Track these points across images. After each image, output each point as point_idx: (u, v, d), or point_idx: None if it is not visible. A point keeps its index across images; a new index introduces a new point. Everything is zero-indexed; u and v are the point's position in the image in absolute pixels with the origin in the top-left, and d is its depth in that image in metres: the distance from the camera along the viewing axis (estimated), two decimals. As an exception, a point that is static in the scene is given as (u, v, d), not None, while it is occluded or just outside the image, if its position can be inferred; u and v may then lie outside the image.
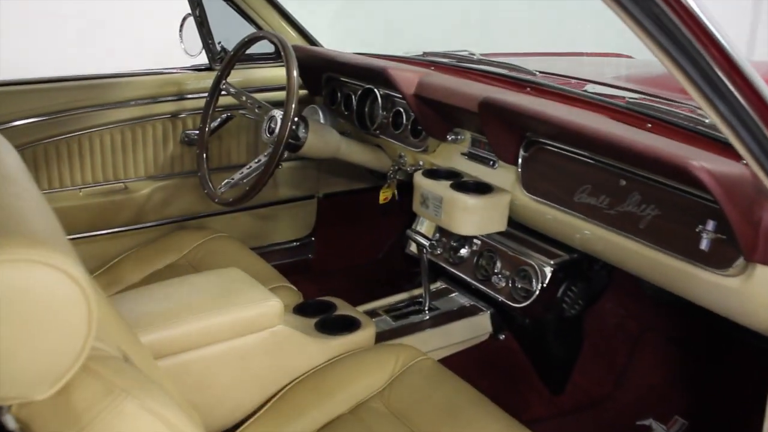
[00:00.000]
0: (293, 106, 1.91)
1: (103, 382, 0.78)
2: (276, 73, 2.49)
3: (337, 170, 2.69)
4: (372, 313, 2.09)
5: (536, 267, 1.85)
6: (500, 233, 1.91)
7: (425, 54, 2.32)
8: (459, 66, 2.12)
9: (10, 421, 0.81)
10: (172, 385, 1.39)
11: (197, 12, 2.39)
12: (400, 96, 2.00)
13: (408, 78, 1.95)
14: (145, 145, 2.38)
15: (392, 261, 2.71)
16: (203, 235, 2.34)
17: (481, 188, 1.80)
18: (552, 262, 1.84)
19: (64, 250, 0.70)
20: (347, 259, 2.79)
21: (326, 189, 2.74)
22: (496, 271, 1.93)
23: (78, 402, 0.76)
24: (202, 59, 2.50)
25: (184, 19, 2.41)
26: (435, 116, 1.96)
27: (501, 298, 1.92)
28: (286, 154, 2.09)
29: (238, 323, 1.59)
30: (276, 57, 2.53)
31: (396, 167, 2.22)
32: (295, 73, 1.92)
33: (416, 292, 2.19)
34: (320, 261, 2.79)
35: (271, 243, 2.69)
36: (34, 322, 0.68)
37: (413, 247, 2.11)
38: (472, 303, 2.17)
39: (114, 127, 2.31)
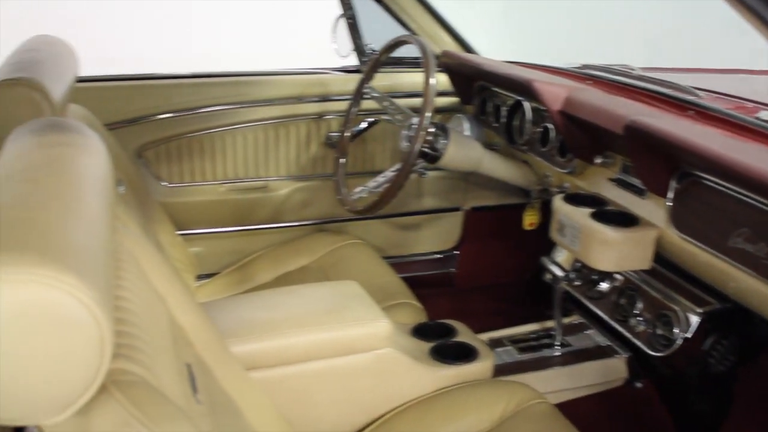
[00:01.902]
0: (427, 115, 1.81)
1: (123, 412, 0.73)
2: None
3: (487, 183, 2.55)
4: (497, 342, 1.95)
5: (681, 313, 1.63)
6: (645, 270, 1.71)
7: (583, 66, 2.14)
8: (615, 81, 1.93)
9: (34, 439, 0.78)
10: (264, 398, 1.34)
11: (349, 14, 2.34)
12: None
13: (555, 92, 1.79)
14: (288, 144, 2.37)
15: (538, 285, 2.56)
16: (339, 240, 2.30)
17: (626, 220, 1.61)
18: (700, 310, 1.62)
19: (81, 271, 0.64)
20: (491, 276, 2.65)
21: (474, 202, 2.62)
22: (635, 312, 1.73)
23: (97, 428, 0.72)
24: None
25: (337, 20, 2.37)
26: (582, 136, 1.78)
27: (638, 343, 1.72)
28: (421, 165, 2.01)
29: (343, 342, 1.53)
30: (427, 62, 2.45)
31: (540, 187, 2.06)
32: (432, 80, 1.82)
33: (549, 324, 2.02)
34: (463, 276, 2.67)
35: (412, 253, 2.61)
36: (41, 345, 0.63)
37: (549, 276, 1.95)
38: (608, 344, 1.98)
39: (258, 125, 2.31)
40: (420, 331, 1.77)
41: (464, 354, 1.68)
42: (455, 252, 2.65)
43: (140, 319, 0.93)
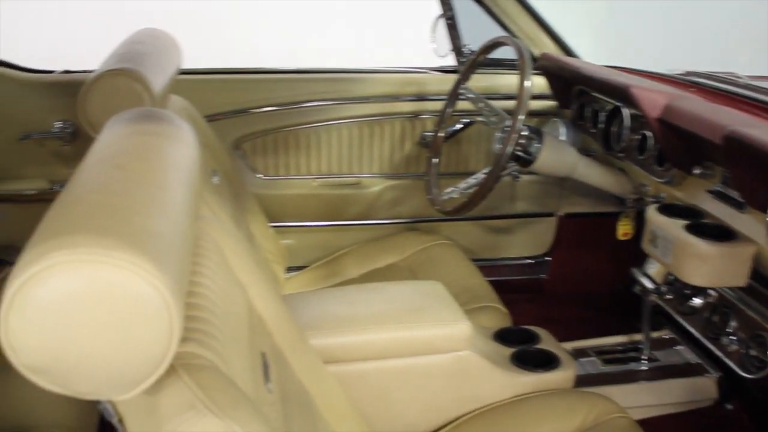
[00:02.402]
0: (520, 117, 1.79)
1: (190, 394, 0.75)
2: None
3: (583, 189, 2.50)
4: (581, 352, 1.91)
5: (776, 335, 1.56)
6: (741, 287, 1.64)
7: (687, 73, 2.06)
8: (720, 89, 1.85)
9: (108, 411, 0.81)
10: (340, 391, 1.35)
11: (448, 14, 2.34)
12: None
13: (654, 99, 1.73)
14: (382, 142, 2.38)
15: (628, 296, 2.49)
16: (428, 240, 2.31)
17: (722, 234, 1.55)
18: (797, 332, 1.54)
19: (155, 257, 0.67)
20: (581, 285, 2.60)
21: (568, 208, 2.57)
22: (728, 330, 1.66)
23: (164, 408, 0.74)
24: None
25: (436, 19, 2.37)
26: (681, 145, 1.72)
27: (730, 363, 1.65)
28: (514, 168, 1.99)
29: (422, 341, 1.53)
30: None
31: (636, 196, 2.01)
32: (527, 83, 1.79)
33: (637, 337, 1.96)
34: (553, 283, 2.63)
35: (502, 257, 2.59)
36: (114, 324, 0.65)
37: (639, 288, 1.89)
38: (698, 362, 1.90)
39: (353, 122, 2.34)
40: (502, 336, 1.75)
41: (545, 362, 1.65)
42: (546, 258, 2.61)
43: (216, 306, 0.96)
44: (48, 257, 0.63)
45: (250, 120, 2.30)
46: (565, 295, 2.58)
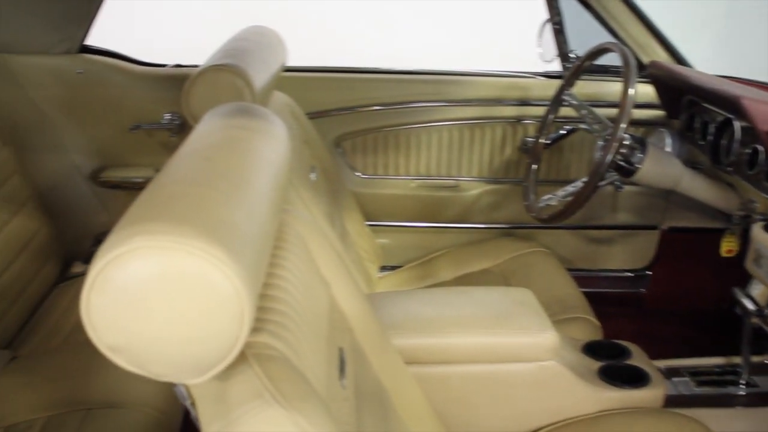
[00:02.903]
0: (622, 126, 1.74)
1: (258, 384, 0.76)
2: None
3: (687, 203, 2.41)
4: (674, 371, 1.83)
5: None
6: None
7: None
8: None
9: (182, 394, 0.84)
10: (420, 392, 1.36)
11: (556, 19, 2.30)
12: None
13: (766, 112, 1.66)
14: (482, 145, 2.37)
15: (730, 317, 2.39)
16: (524, 247, 2.28)
17: (832, 257, 1.47)
18: None
19: (230, 247, 0.69)
20: (681, 302, 2.51)
21: (673, 222, 2.48)
22: (834, 359, 1.57)
23: (233, 395, 0.76)
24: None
25: (543, 24, 2.34)
26: (793, 161, 1.64)
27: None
28: (615, 178, 1.94)
29: (506, 348, 1.51)
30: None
31: (743, 212, 1.92)
32: (630, 90, 1.74)
33: (736, 359, 1.87)
34: (653, 298, 2.55)
35: (600, 269, 2.52)
36: (186, 309, 0.68)
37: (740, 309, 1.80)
38: None
39: (454, 125, 2.34)
40: (591, 349, 1.71)
41: (635, 378, 1.60)
42: (647, 272, 2.53)
43: (294, 299, 0.97)
44: (129, 242, 0.66)
45: (352, 118, 2.33)
46: (663, 311, 2.50)
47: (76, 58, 2.19)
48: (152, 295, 0.66)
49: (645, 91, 2.25)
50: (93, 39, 2.26)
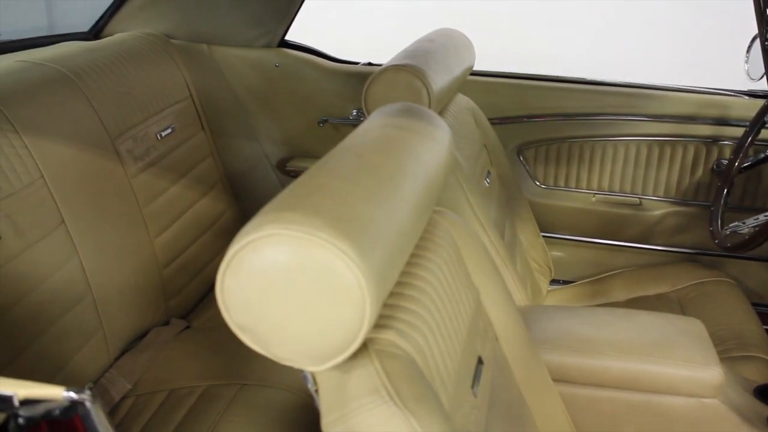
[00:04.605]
0: None
1: (377, 379, 0.78)
2: None
3: None
4: None
5: None
6: None
7: None
8: None
9: (308, 380, 0.88)
10: (564, 413, 1.32)
11: (766, 35, 2.13)
12: None
13: None
14: (671, 164, 2.25)
15: None
16: (707, 275, 2.15)
17: None
18: None
19: (358, 242, 0.71)
20: None
21: None
22: None
23: (352, 387, 0.78)
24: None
25: (753, 39, 2.18)
26: None
27: None
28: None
29: (664, 379, 1.43)
30: None
31: None
32: None
33: None
34: None
35: None
36: (312, 298, 0.70)
37: None
38: None
39: (642, 140, 2.24)
40: (764, 393, 1.58)
41: None
42: None
43: (432, 301, 0.98)
44: (265, 228, 0.70)
45: (536, 127, 2.29)
46: None
47: (275, 51, 2.31)
48: (279, 281, 0.70)
49: None
50: (293, 35, 2.37)
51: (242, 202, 2.32)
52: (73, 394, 0.72)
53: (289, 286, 0.70)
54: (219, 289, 0.72)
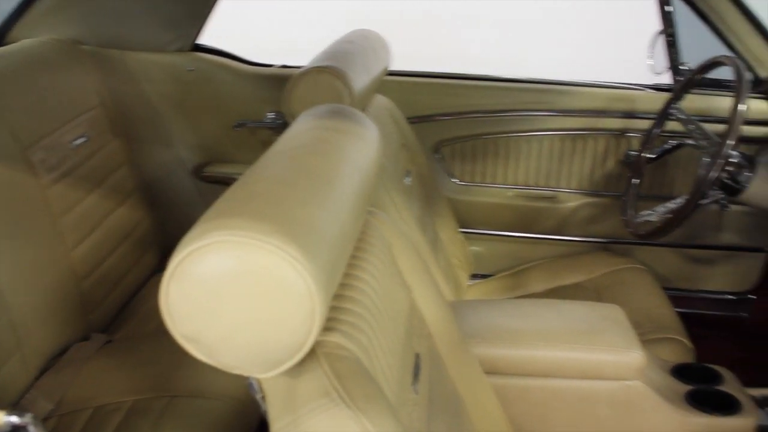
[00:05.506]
0: (729, 143, 1.68)
1: (327, 382, 0.78)
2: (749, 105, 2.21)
3: (801, 226, 2.31)
4: (768, 401, 1.76)
5: None
6: None
7: None
8: None
9: (254, 387, 0.87)
10: (497, 403, 1.35)
11: (669, 31, 2.23)
12: None
13: None
14: (583, 157, 2.33)
15: None
16: (620, 263, 2.23)
17: None
18: None
19: (304, 245, 0.71)
20: None
21: None
22: None
23: (302, 392, 0.78)
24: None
25: (656, 35, 2.27)
26: None
27: None
28: (720, 197, 1.87)
29: (590, 365, 1.48)
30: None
31: None
32: (741, 106, 1.67)
33: (840, 393, 1.77)
34: (754, 323, 2.43)
35: (699, 289, 2.43)
36: (260, 304, 0.70)
37: None
38: None
39: (556, 135, 2.31)
40: (680, 372, 1.65)
41: (725, 405, 1.54)
42: (750, 296, 2.42)
43: (372, 301, 0.99)
44: (208, 236, 0.69)
45: (453, 125, 2.33)
46: (764, 337, 2.38)
47: (188, 56, 2.28)
48: (227, 288, 0.69)
49: (760, 107, 2.16)
50: (205, 38, 2.35)
51: (159, 209, 2.28)
52: (15, 419, 0.70)
53: (237, 293, 0.69)
54: (163, 299, 0.71)
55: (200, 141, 2.37)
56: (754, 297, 2.42)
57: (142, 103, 2.28)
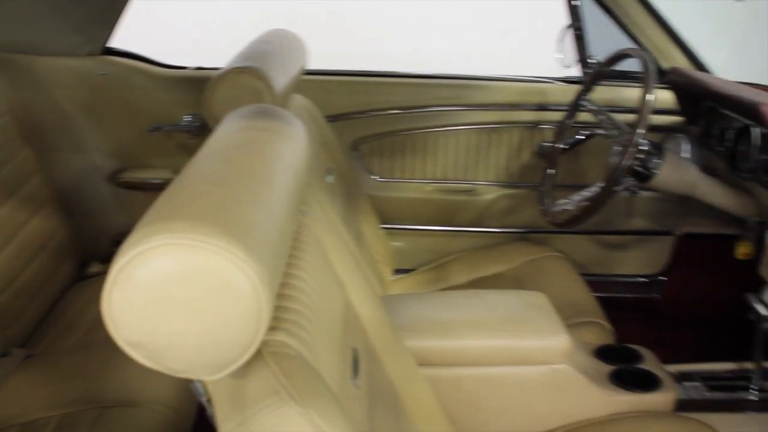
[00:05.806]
0: (640, 131, 1.75)
1: (274, 381, 0.78)
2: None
3: (703, 209, 2.40)
4: (685, 376, 1.83)
5: None
6: None
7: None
8: None
9: (198, 390, 0.86)
10: (431, 394, 1.38)
11: (576, 25, 2.30)
12: None
13: None
14: (498, 150, 2.38)
15: (743, 323, 2.38)
16: (538, 252, 2.29)
17: None
18: None
19: (248, 245, 0.71)
20: (694, 308, 2.49)
21: (688, 227, 2.47)
22: None
23: (249, 392, 0.78)
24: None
25: (564, 30, 2.34)
26: (810, 169, 1.64)
27: None
28: (631, 184, 1.94)
29: (518, 351, 1.53)
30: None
31: (759, 219, 1.92)
32: (649, 96, 1.75)
33: (748, 365, 1.87)
34: (666, 303, 2.54)
35: (614, 273, 2.52)
36: (205, 306, 0.69)
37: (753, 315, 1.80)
38: None
39: (471, 129, 2.35)
40: (603, 353, 1.72)
41: (646, 382, 1.61)
42: (661, 278, 2.53)
43: (310, 299, 0.99)
44: (149, 240, 0.68)
45: (370, 122, 2.35)
46: (676, 316, 2.49)
47: (99, 59, 2.23)
48: (172, 292, 0.68)
49: (664, 97, 2.25)
50: (116, 41, 2.29)
51: (75, 218, 2.21)
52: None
53: (183, 296, 0.68)
54: (106, 305, 0.69)
55: (115, 147, 2.32)
56: (665, 278, 2.52)
57: (53, 109, 2.21)
